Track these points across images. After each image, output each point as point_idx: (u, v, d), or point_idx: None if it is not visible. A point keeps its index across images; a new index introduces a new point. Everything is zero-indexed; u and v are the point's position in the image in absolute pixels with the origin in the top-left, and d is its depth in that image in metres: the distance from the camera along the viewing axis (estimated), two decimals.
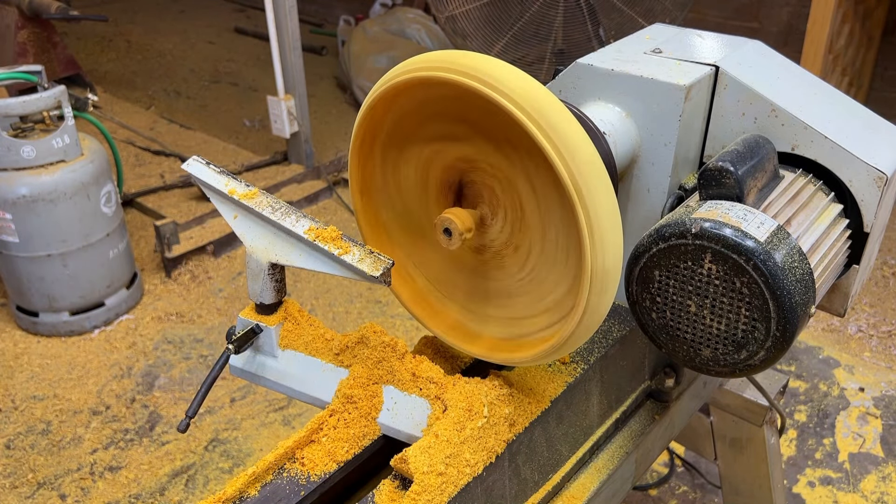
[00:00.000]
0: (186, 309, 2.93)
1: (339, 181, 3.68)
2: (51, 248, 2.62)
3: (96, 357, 2.68)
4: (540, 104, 0.74)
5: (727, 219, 0.84)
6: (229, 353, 0.94)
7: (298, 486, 0.87)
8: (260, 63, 5.29)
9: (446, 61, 0.77)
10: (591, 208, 0.75)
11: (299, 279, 3.07)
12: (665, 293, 0.88)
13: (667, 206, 1.03)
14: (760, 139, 0.97)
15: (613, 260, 0.78)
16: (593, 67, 1.04)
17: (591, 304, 0.79)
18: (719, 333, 0.87)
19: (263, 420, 2.39)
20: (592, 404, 1.10)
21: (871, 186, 0.98)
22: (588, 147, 0.76)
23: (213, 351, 2.71)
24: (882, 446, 2.25)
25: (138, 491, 2.15)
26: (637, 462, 1.18)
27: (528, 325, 0.91)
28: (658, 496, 2.12)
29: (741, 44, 1.12)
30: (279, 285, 0.94)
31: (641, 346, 1.17)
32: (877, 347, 2.65)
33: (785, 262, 0.81)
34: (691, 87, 0.98)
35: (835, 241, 0.97)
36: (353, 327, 2.81)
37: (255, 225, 0.91)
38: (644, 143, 1.03)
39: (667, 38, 1.13)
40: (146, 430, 2.37)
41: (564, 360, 1.04)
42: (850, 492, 2.10)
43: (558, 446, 1.04)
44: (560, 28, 3.01)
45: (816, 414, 2.38)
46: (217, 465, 2.24)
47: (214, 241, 3.21)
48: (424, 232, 0.96)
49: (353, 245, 0.87)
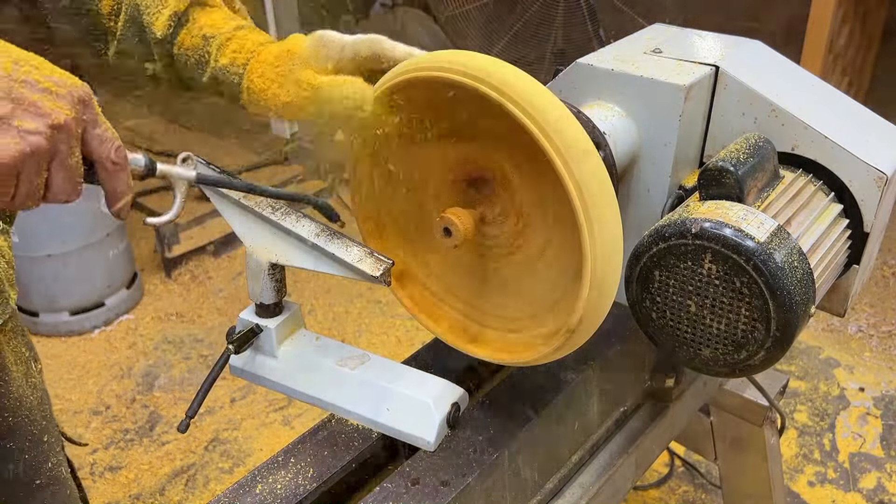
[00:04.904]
0: (186, 309, 2.93)
1: (339, 181, 3.69)
2: (51, 248, 2.62)
3: (96, 357, 2.68)
4: (539, 103, 0.74)
5: (727, 219, 0.84)
6: (229, 353, 0.94)
7: (298, 486, 0.87)
8: None
9: (446, 61, 0.77)
10: (591, 208, 0.75)
11: (299, 279, 3.07)
12: (665, 293, 0.88)
13: (667, 206, 1.03)
14: (760, 139, 0.97)
15: (613, 260, 0.78)
16: (593, 67, 1.04)
17: (592, 304, 0.79)
18: (719, 333, 0.87)
19: (263, 420, 2.39)
20: (592, 404, 1.10)
21: (871, 186, 0.98)
22: (588, 147, 0.76)
23: (213, 351, 2.71)
24: (882, 446, 2.25)
25: (138, 491, 2.15)
26: (637, 462, 1.18)
27: (529, 325, 0.91)
28: (658, 496, 2.12)
29: (741, 44, 1.12)
30: (279, 285, 0.94)
31: (641, 346, 1.17)
32: (877, 347, 2.65)
33: (785, 262, 0.81)
34: (691, 87, 0.98)
35: (835, 241, 0.97)
36: (353, 327, 2.81)
37: (255, 225, 0.91)
38: (644, 143, 1.03)
39: (667, 38, 1.13)
40: (146, 430, 2.37)
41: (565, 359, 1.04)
42: (850, 491, 2.10)
43: (558, 446, 1.04)
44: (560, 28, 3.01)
45: (816, 414, 2.38)
46: (217, 465, 2.24)
47: (214, 241, 3.21)
48: (424, 232, 0.96)
49: (353, 245, 0.87)
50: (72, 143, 0.64)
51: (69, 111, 0.63)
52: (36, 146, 0.61)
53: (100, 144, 0.67)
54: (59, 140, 0.63)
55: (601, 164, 0.77)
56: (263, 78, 0.86)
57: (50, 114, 0.61)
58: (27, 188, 0.63)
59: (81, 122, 0.65)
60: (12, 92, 0.60)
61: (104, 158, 0.68)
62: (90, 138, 0.66)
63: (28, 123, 0.61)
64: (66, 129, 0.63)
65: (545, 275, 0.89)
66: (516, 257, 0.90)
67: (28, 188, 0.63)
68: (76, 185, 0.67)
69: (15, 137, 0.60)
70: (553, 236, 0.86)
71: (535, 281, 0.90)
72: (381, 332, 2.78)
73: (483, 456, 0.90)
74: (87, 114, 0.65)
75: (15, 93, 0.60)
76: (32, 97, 0.61)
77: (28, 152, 0.61)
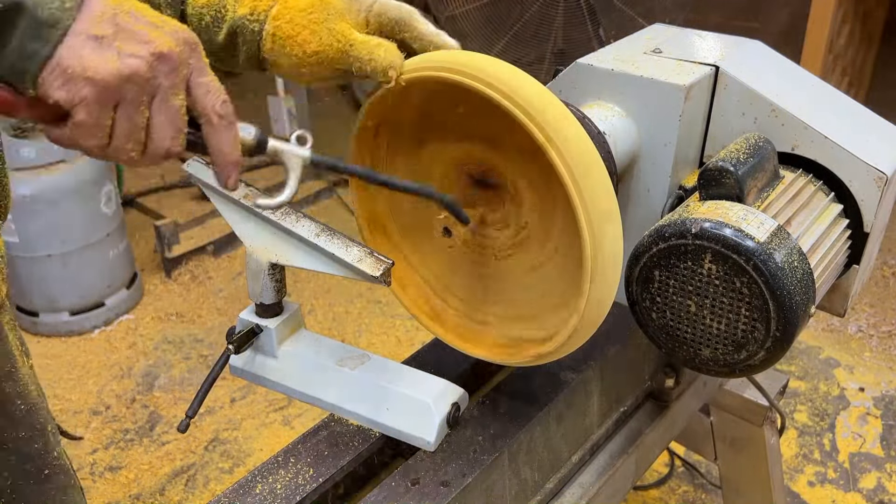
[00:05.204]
0: (186, 309, 2.93)
1: (339, 181, 3.68)
2: (51, 248, 2.62)
3: (96, 357, 2.68)
4: (540, 104, 0.74)
5: (727, 219, 0.84)
6: (229, 353, 0.94)
7: (298, 486, 0.87)
8: None
9: (446, 60, 0.77)
10: (591, 208, 0.75)
11: (299, 279, 3.07)
12: (665, 293, 0.88)
13: (667, 206, 1.03)
14: (760, 139, 0.97)
15: (613, 260, 0.78)
16: (593, 67, 1.04)
17: (592, 305, 0.79)
18: (719, 333, 0.87)
19: (263, 420, 2.39)
20: (592, 404, 1.10)
21: (871, 186, 0.98)
22: (588, 147, 0.76)
23: (213, 351, 2.71)
24: (882, 446, 2.25)
25: (138, 491, 2.15)
26: (637, 462, 1.18)
27: (529, 326, 0.91)
28: (658, 496, 2.12)
29: (741, 44, 1.12)
30: (279, 285, 0.94)
31: (641, 346, 1.17)
32: (877, 347, 2.65)
33: (785, 262, 0.81)
34: (691, 87, 0.98)
35: (835, 241, 0.97)
36: (353, 327, 2.81)
37: (255, 225, 0.91)
38: (644, 143, 1.03)
39: (667, 38, 1.13)
40: (146, 430, 2.37)
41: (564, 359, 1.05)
42: (850, 491, 2.11)
43: (558, 446, 1.04)
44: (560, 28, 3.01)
45: (816, 414, 2.38)
46: (217, 465, 2.24)
47: (214, 241, 3.21)
48: (425, 232, 0.96)
49: (353, 245, 0.87)
50: (175, 80, 0.60)
51: (172, 43, 0.59)
52: (136, 69, 0.57)
53: (205, 94, 0.62)
54: (161, 72, 0.59)
55: (601, 164, 0.77)
56: (293, 24, 0.82)
57: (154, 41, 0.58)
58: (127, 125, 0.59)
59: (187, 63, 0.61)
60: (116, 17, 0.57)
61: (210, 111, 0.62)
62: (195, 86, 0.62)
63: (129, 47, 0.57)
64: (169, 61, 0.59)
65: (545, 275, 0.89)
66: (516, 257, 0.90)
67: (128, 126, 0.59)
68: (179, 132, 0.62)
69: (114, 56, 0.57)
70: (553, 237, 0.86)
71: (536, 281, 0.90)
72: (381, 332, 2.78)
73: (483, 456, 0.90)
74: (193, 57, 0.61)
75: (119, 19, 0.57)
76: (137, 26, 0.58)
77: (126, 74, 0.57)
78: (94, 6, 0.58)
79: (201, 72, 0.62)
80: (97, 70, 0.57)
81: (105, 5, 0.58)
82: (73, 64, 0.57)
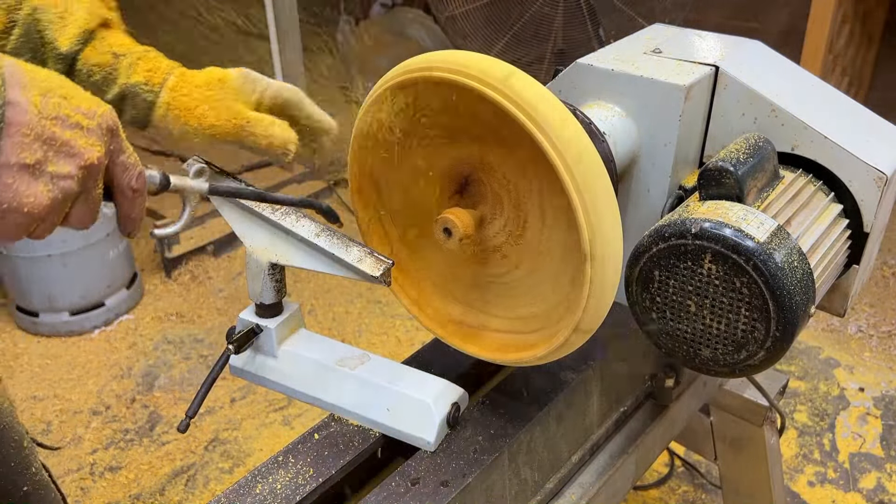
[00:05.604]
0: (186, 309, 2.93)
1: (339, 181, 3.68)
2: (51, 248, 2.62)
3: (96, 357, 2.68)
4: (539, 104, 0.74)
5: (727, 219, 0.84)
6: (229, 353, 0.94)
7: (298, 486, 0.87)
8: (261, 63, 5.29)
9: (446, 61, 0.77)
10: (591, 208, 0.75)
11: (299, 279, 3.07)
12: (665, 293, 0.88)
13: (667, 206, 1.03)
14: (760, 139, 0.97)
15: (613, 260, 0.78)
16: (593, 67, 1.04)
17: (592, 305, 0.79)
18: (719, 333, 0.87)
19: (263, 420, 2.39)
20: (592, 404, 1.10)
21: (870, 186, 0.98)
22: (588, 147, 0.76)
23: (213, 351, 2.71)
24: (882, 446, 2.25)
25: (138, 491, 2.15)
26: (637, 462, 1.18)
27: (529, 325, 0.91)
28: (658, 496, 2.12)
29: (741, 44, 1.12)
30: (279, 285, 0.94)
31: (641, 346, 1.17)
32: (877, 347, 2.65)
33: (785, 262, 0.81)
34: (691, 87, 0.98)
35: (835, 242, 0.97)
36: (353, 327, 2.81)
37: (255, 225, 0.91)
38: (644, 143, 1.03)
39: (667, 38, 1.13)
40: (146, 430, 2.37)
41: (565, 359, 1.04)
42: (850, 491, 2.11)
43: (558, 446, 1.04)
44: (560, 28, 3.01)
45: (816, 414, 2.38)
46: (217, 465, 2.24)
47: (214, 241, 3.20)
48: (424, 232, 0.96)
49: (353, 245, 0.87)
50: (98, 178, 0.63)
51: (100, 147, 0.61)
52: (67, 191, 0.60)
53: (122, 172, 0.65)
54: (88, 178, 0.62)
55: (601, 164, 0.77)
56: (191, 97, 0.88)
57: (82, 153, 0.60)
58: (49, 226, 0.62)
59: (109, 153, 0.63)
60: (44, 133, 0.58)
61: (125, 186, 0.66)
62: (114, 166, 0.65)
63: (61, 167, 0.59)
64: (96, 169, 0.62)
65: (545, 275, 0.89)
66: (517, 257, 0.90)
67: (49, 226, 0.62)
68: (95, 216, 0.65)
69: (47, 185, 0.59)
70: (553, 237, 0.86)
71: (535, 281, 0.90)
72: (381, 332, 2.78)
73: (483, 456, 0.90)
74: (113, 143, 0.64)
75: (46, 133, 0.58)
76: (64, 136, 0.59)
77: (60, 199, 0.59)
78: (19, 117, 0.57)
79: (120, 151, 0.65)
80: (34, 206, 0.58)
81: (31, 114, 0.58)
82: (9, 199, 0.58)
